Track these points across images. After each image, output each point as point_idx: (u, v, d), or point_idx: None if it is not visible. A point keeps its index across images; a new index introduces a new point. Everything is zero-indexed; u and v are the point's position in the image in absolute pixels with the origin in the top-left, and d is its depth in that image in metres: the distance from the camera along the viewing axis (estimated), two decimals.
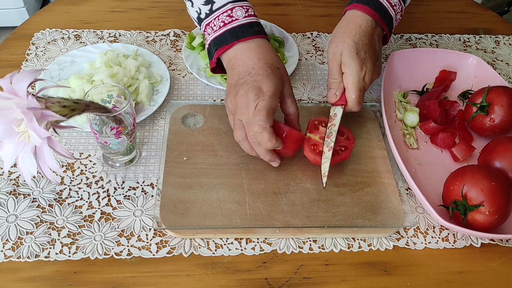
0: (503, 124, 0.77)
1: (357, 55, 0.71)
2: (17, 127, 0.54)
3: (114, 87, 0.70)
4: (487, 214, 0.64)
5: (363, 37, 0.72)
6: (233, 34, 0.68)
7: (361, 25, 0.72)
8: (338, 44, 0.73)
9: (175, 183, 0.70)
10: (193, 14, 0.74)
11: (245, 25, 0.69)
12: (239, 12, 0.69)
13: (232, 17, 0.69)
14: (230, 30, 0.68)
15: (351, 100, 0.73)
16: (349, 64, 0.71)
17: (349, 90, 0.73)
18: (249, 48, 0.68)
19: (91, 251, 0.64)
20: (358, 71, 0.71)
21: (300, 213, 0.68)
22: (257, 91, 0.65)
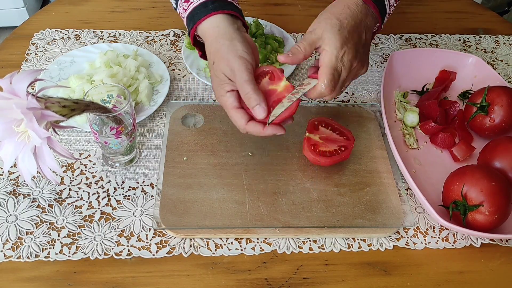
0: (503, 124, 0.77)
1: (339, 31, 0.64)
2: (17, 127, 0.53)
3: (114, 87, 0.70)
4: (487, 214, 0.64)
5: (349, 18, 0.66)
6: (191, 19, 0.67)
7: (350, 6, 0.67)
8: (320, 21, 0.67)
9: (175, 183, 0.70)
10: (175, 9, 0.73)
11: (198, 6, 0.66)
12: None
13: (188, 1, 0.67)
14: (189, 16, 0.67)
15: (324, 81, 0.64)
16: (329, 39, 0.64)
17: (322, 68, 0.64)
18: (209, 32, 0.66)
19: (91, 251, 0.64)
20: (338, 48, 0.63)
21: (300, 213, 0.68)
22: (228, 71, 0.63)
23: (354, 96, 0.89)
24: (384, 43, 1.00)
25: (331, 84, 0.64)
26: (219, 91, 0.65)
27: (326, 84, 0.64)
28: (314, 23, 0.67)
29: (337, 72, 0.64)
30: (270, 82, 0.64)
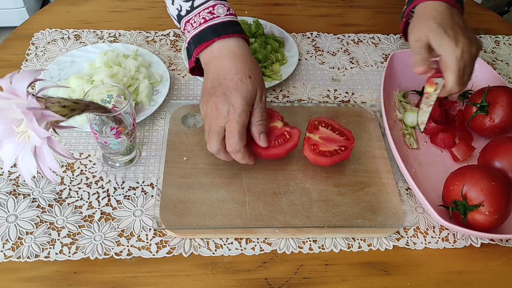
0: (503, 124, 0.77)
1: (445, 34, 0.68)
2: (17, 127, 0.54)
3: (114, 87, 0.70)
4: (487, 214, 0.64)
5: (444, 18, 0.70)
6: (214, 31, 0.66)
7: (437, 9, 0.71)
8: (420, 29, 0.70)
9: (175, 183, 0.70)
10: (173, 11, 0.72)
11: (226, 22, 0.67)
12: (221, 9, 0.67)
13: (213, 14, 0.67)
14: (211, 27, 0.66)
15: (451, 84, 0.69)
16: (441, 45, 0.68)
17: (448, 73, 0.69)
18: (222, 54, 0.66)
19: (91, 251, 0.64)
20: (454, 49, 0.68)
21: (300, 213, 0.68)
22: (226, 105, 0.64)
23: (354, 96, 0.89)
24: (384, 43, 1.00)
25: (459, 83, 0.69)
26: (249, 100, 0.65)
27: (456, 83, 0.69)
28: (414, 34, 0.72)
29: (461, 71, 0.69)
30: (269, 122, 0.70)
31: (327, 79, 0.91)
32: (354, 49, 0.98)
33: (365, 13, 1.08)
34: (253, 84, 0.65)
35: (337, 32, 1.02)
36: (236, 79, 0.65)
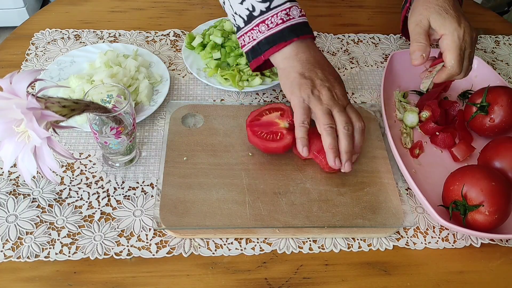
0: (503, 124, 0.77)
1: (447, 14, 0.68)
2: (17, 127, 0.54)
3: (114, 87, 0.70)
4: (487, 214, 0.64)
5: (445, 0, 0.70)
6: (293, 31, 0.69)
7: None
8: (421, 12, 0.70)
9: (175, 183, 0.70)
10: (240, 11, 0.72)
11: (302, 23, 0.71)
12: (295, 11, 0.71)
13: (289, 15, 0.70)
14: (290, 27, 0.69)
15: (451, 63, 0.68)
16: (443, 24, 0.68)
17: (449, 51, 0.68)
18: (309, 46, 0.71)
19: (91, 251, 0.64)
20: (456, 27, 0.67)
21: (300, 213, 0.68)
22: (344, 91, 0.71)
23: (354, 96, 0.89)
24: (384, 43, 1.00)
25: (459, 64, 0.68)
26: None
27: (455, 64, 0.68)
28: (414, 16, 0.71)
29: (462, 51, 0.69)
30: (279, 117, 0.73)
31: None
32: (354, 49, 0.98)
33: (365, 13, 1.08)
34: None
35: (337, 32, 1.02)
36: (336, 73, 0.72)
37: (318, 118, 0.68)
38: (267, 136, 0.72)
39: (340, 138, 0.67)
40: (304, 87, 0.68)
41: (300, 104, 0.68)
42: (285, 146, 0.71)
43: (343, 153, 0.67)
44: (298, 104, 0.68)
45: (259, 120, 0.74)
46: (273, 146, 0.71)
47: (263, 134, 0.72)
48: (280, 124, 0.73)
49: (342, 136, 0.67)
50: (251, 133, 0.72)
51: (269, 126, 0.73)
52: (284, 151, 0.72)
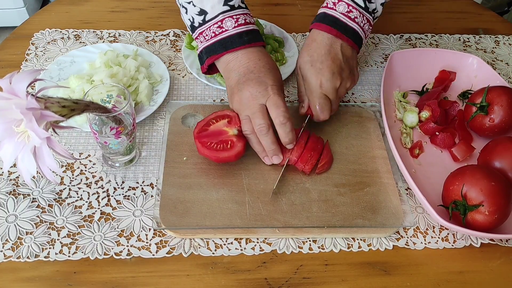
0: (503, 124, 0.77)
1: (312, 67, 0.74)
2: (16, 127, 0.54)
3: (113, 87, 0.70)
4: (486, 214, 0.64)
5: (318, 49, 0.74)
6: (222, 45, 0.72)
7: (316, 39, 0.75)
8: (298, 60, 0.77)
9: (175, 183, 0.70)
10: (186, 21, 0.76)
11: (234, 35, 0.71)
12: (229, 23, 0.71)
13: (222, 28, 0.72)
14: (220, 41, 0.72)
15: (315, 109, 0.75)
16: (306, 77, 0.75)
17: (311, 101, 0.75)
18: (246, 52, 0.71)
19: (91, 251, 0.64)
20: (314, 81, 0.73)
21: (300, 213, 0.68)
22: (263, 85, 0.69)
23: (354, 96, 0.89)
24: (384, 43, 1.00)
25: (321, 111, 0.75)
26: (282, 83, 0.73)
27: (319, 113, 0.75)
28: (299, 56, 0.77)
29: (323, 99, 0.74)
30: (226, 125, 0.72)
31: None
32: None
33: None
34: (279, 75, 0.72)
35: None
36: (268, 66, 0.71)
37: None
38: (217, 146, 0.70)
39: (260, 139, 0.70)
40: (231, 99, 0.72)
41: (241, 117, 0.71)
42: (237, 154, 0.70)
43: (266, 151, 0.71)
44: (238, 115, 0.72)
45: (207, 131, 0.71)
46: (224, 155, 0.70)
47: (213, 144, 0.70)
48: (229, 132, 0.71)
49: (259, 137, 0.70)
50: (200, 145, 0.70)
51: (218, 135, 0.71)
52: (237, 159, 0.71)
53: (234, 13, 0.72)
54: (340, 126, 0.80)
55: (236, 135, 0.71)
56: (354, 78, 0.78)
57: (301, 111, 0.78)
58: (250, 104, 0.69)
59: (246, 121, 0.70)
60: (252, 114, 0.69)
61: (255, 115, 0.68)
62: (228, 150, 0.70)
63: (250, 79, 0.69)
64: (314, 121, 0.77)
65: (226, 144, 0.70)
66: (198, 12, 0.73)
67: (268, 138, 0.69)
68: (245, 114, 0.70)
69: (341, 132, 0.79)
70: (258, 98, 0.68)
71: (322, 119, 0.76)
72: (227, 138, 0.71)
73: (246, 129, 0.70)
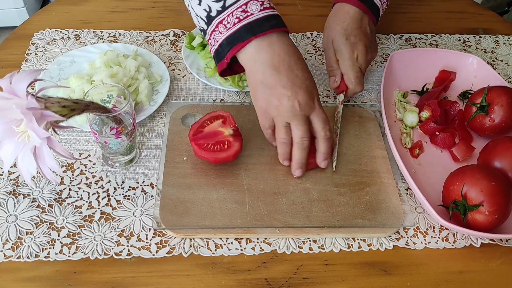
0: (503, 124, 0.77)
1: (347, 40, 0.77)
2: (16, 127, 0.54)
3: (114, 87, 0.70)
4: (487, 214, 0.64)
5: (351, 23, 0.77)
6: (250, 30, 0.64)
7: (349, 12, 0.78)
8: (329, 33, 0.79)
9: (175, 183, 0.70)
10: (200, 12, 0.68)
11: (262, 19, 0.64)
12: (254, 6, 0.64)
13: (247, 12, 0.64)
14: (246, 26, 0.64)
15: (351, 83, 0.78)
16: (341, 50, 0.77)
17: (346, 74, 0.78)
18: (277, 40, 0.65)
19: (91, 251, 0.64)
20: (351, 55, 0.76)
21: (300, 213, 0.68)
22: (311, 96, 0.67)
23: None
24: (384, 43, 1.00)
25: (359, 83, 0.79)
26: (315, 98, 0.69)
27: (356, 86, 0.79)
28: (325, 34, 0.80)
29: (359, 72, 0.78)
30: (221, 125, 0.72)
31: (327, 79, 0.91)
32: None
33: None
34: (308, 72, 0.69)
35: None
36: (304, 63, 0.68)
37: (275, 129, 0.69)
38: (214, 147, 0.70)
39: (294, 149, 0.69)
40: (262, 96, 0.67)
41: (261, 112, 0.69)
42: (234, 153, 0.70)
43: (294, 162, 0.70)
44: (258, 112, 0.70)
45: (202, 132, 0.71)
46: (222, 156, 0.69)
47: (209, 145, 0.70)
48: (224, 132, 0.71)
49: (295, 148, 0.69)
50: (196, 147, 0.69)
51: (214, 136, 0.71)
52: (234, 158, 0.71)
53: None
54: (340, 126, 0.80)
55: (232, 135, 0.71)
56: (377, 49, 0.83)
57: (333, 85, 0.80)
58: (297, 115, 0.66)
59: (286, 129, 0.68)
60: (299, 126, 0.67)
61: (302, 128, 0.67)
62: (226, 150, 0.70)
63: (298, 87, 0.65)
64: None
65: (223, 144, 0.70)
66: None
67: (305, 152, 0.69)
68: (285, 122, 0.67)
69: (341, 132, 0.79)
70: (306, 110, 0.66)
71: (359, 91, 0.79)
72: (224, 139, 0.71)
73: (284, 137, 0.68)
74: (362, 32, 0.78)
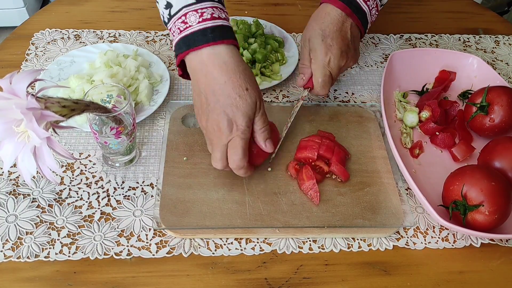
0: (503, 124, 0.77)
1: (322, 41, 0.74)
2: (16, 127, 0.54)
3: (114, 87, 0.70)
4: (486, 214, 0.64)
5: (330, 25, 0.74)
6: (185, 43, 0.64)
7: (330, 13, 0.75)
8: (307, 31, 0.76)
9: (175, 183, 0.70)
10: (161, 17, 0.70)
11: (198, 32, 0.63)
12: (193, 17, 0.64)
13: (186, 23, 0.64)
14: (183, 39, 0.64)
15: (317, 83, 0.76)
16: (315, 50, 0.75)
17: (314, 75, 0.76)
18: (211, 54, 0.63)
19: (91, 251, 0.64)
20: (323, 57, 0.74)
21: (300, 213, 0.68)
22: (229, 123, 0.63)
23: (354, 96, 0.89)
24: (384, 43, 1.00)
25: (323, 87, 0.76)
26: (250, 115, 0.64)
27: (320, 89, 0.76)
28: (307, 30, 0.77)
29: (327, 76, 0.75)
30: None
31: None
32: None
33: None
34: (251, 97, 0.63)
35: None
36: (234, 95, 0.62)
37: None
38: None
39: None
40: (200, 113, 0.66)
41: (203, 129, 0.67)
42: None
43: None
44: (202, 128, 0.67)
45: None
46: None
47: None
48: None
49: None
50: None
51: None
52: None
53: (199, 6, 0.64)
54: (340, 126, 0.80)
55: None
56: (357, 58, 0.79)
57: (299, 83, 0.79)
58: (214, 139, 0.65)
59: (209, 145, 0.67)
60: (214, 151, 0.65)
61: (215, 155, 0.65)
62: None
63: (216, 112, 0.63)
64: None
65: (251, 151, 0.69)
66: (165, 5, 0.67)
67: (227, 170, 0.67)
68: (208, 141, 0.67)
69: (341, 132, 0.79)
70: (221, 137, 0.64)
71: (322, 94, 0.77)
72: None
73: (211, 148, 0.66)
74: (341, 36, 0.74)
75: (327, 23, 0.74)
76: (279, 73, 0.89)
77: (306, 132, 0.78)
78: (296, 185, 0.71)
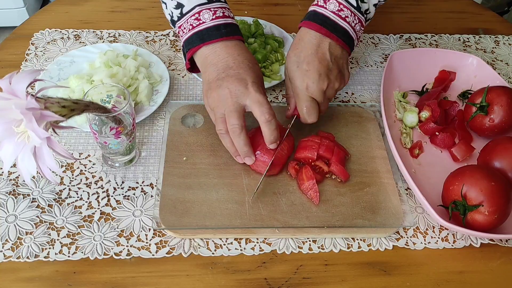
0: (503, 124, 0.77)
1: (297, 68, 0.71)
2: (16, 128, 0.54)
3: (113, 87, 0.70)
4: (486, 214, 0.64)
5: (305, 49, 0.71)
6: (199, 37, 0.69)
7: (304, 38, 0.72)
8: (286, 61, 0.74)
9: (175, 183, 0.70)
10: (167, 16, 0.75)
11: (212, 27, 0.69)
12: (206, 15, 0.70)
13: (199, 20, 0.70)
14: (197, 33, 0.70)
15: (302, 112, 0.72)
16: (292, 78, 0.72)
17: (297, 104, 0.73)
18: (224, 46, 0.69)
19: (91, 251, 0.64)
20: (300, 84, 0.70)
21: (300, 213, 0.68)
22: (243, 82, 0.66)
23: (354, 96, 0.89)
24: (384, 43, 1.00)
25: (308, 114, 0.72)
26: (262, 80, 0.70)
27: (305, 116, 0.72)
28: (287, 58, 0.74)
29: (309, 101, 0.71)
30: None
31: None
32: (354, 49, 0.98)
33: None
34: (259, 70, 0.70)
35: None
36: (247, 62, 0.69)
37: None
38: None
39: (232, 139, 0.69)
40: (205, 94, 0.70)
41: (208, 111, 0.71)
42: None
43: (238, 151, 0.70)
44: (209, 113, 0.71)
45: None
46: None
47: None
48: None
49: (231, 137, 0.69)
50: None
51: None
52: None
53: (212, 6, 0.70)
54: (340, 126, 0.80)
55: None
56: (344, 78, 0.74)
57: (287, 113, 0.76)
58: (227, 102, 0.66)
59: (221, 120, 0.68)
60: (229, 113, 0.66)
61: (231, 114, 0.66)
62: None
63: (230, 76, 0.67)
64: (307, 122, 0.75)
65: None
66: (175, 6, 0.71)
67: (240, 139, 0.67)
68: (221, 112, 0.67)
69: (341, 132, 0.79)
70: (238, 96, 0.66)
71: (310, 122, 0.73)
72: None
73: (220, 128, 0.68)
74: (317, 58, 0.70)
75: (301, 48, 0.71)
76: (279, 73, 0.89)
77: (306, 132, 0.78)
78: (296, 185, 0.71)
